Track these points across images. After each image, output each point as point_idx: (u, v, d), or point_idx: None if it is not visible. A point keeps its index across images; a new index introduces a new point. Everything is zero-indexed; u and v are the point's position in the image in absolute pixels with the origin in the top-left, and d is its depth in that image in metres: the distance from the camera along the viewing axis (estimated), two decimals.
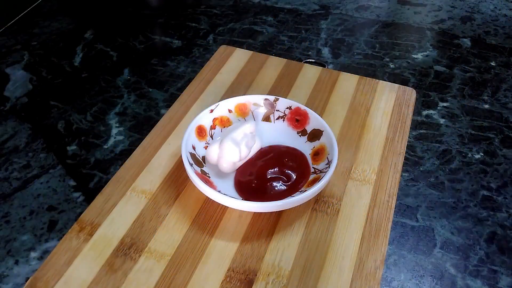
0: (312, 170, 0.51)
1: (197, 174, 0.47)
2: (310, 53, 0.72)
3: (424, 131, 0.74)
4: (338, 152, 0.49)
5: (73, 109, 0.62)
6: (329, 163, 0.49)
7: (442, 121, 0.75)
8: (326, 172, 0.47)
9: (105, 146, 0.57)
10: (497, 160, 0.68)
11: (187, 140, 0.50)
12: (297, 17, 0.79)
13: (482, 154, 0.68)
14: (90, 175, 0.54)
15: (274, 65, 0.67)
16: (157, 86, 0.66)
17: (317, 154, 0.52)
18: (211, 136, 0.53)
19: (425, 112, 0.58)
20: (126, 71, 0.68)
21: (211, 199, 0.47)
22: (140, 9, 0.81)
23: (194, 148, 0.51)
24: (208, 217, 0.48)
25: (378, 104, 0.61)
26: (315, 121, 0.53)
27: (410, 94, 0.62)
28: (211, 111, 0.53)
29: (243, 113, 0.56)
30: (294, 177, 0.50)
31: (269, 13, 0.80)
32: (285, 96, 0.60)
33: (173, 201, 0.49)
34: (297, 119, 0.55)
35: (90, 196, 0.51)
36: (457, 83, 0.67)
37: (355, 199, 0.49)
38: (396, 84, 0.64)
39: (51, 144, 0.58)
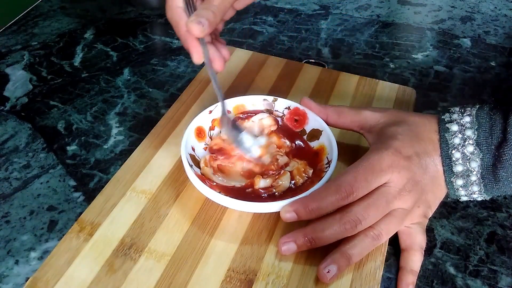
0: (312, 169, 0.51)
1: (197, 175, 0.47)
2: (310, 53, 0.72)
3: None
4: (338, 152, 0.49)
5: (73, 109, 0.62)
6: (329, 163, 0.49)
7: None
8: (326, 172, 0.47)
9: (105, 146, 0.57)
10: None
11: (187, 142, 0.50)
12: (297, 17, 0.79)
13: None
14: (90, 175, 0.54)
15: (274, 65, 0.67)
16: (157, 86, 0.66)
17: (317, 154, 0.52)
18: (210, 137, 0.53)
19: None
20: (126, 71, 0.68)
21: (211, 199, 0.47)
22: (140, 9, 0.81)
23: (193, 149, 0.51)
24: (208, 217, 0.48)
25: (378, 104, 0.61)
26: (314, 121, 0.53)
27: (410, 94, 0.62)
28: (210, 112, 0.53)
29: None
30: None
31: (269, 13, 0.80)
32: (285, 96, 0.60)
33: (173, 201, 0.49)
34: (296, 119, 0.55)
35: (90, 196, 0.51)
36: (457, 83, 0.67)
37: None
38: (396, 84, 0.64)
39: (51, 144, 0.58)
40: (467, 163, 0.44)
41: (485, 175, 0.44)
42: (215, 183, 0.48)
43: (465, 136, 0.44)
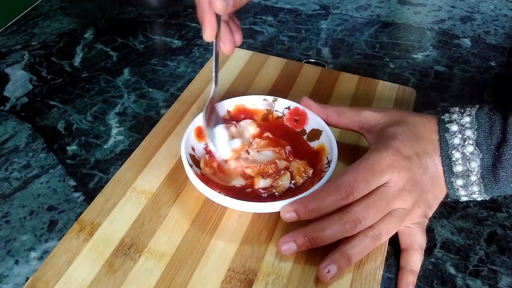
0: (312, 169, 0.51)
1: (197, 175, 0.47)
2: (310, 53, 0.72)
3: None
4: (338, 152, 0.49)
5: (73, 109, 0.62)
6: (329, 163, 0.49)
7: None
8: (326, 172, 0.47)
9: (105, 146, 0.57)
10: None
11: (186, 142, 0.50)
12: (297, 17, 0.79)
13: None
14: (90, 175, 0.54)
15: (274, 65, 0.67)
16: (157, 86, 0.66)
17: (317, 154, 0.52)
18: None
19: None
20: (126, 71, 0.68)
21: (211, 199, 0.47)
22: (140, 9, 0.81)
23: (193, 149, 0.51)
24: (208, 217, 0.48)
25: (378, 104, 0.61)
26: (314, 121, 0.53)
27: (410, 94, 0.62)
28: None
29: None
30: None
31: (269, 13, 0.80)
32: (285, 96, 0.60)
33: (173, 201, 0.49)
34: (296, 119, 0.55)
35: (90, 196, 0.51)
36: (457, 83, 0.67)
37: None
38: (396, 84, 0.64)
39: (51, 144, 0.58)
40: (467, 163, 0.44)
41: (485, 175, 0.44)
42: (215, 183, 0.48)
43: (465, 136, 0.44)
